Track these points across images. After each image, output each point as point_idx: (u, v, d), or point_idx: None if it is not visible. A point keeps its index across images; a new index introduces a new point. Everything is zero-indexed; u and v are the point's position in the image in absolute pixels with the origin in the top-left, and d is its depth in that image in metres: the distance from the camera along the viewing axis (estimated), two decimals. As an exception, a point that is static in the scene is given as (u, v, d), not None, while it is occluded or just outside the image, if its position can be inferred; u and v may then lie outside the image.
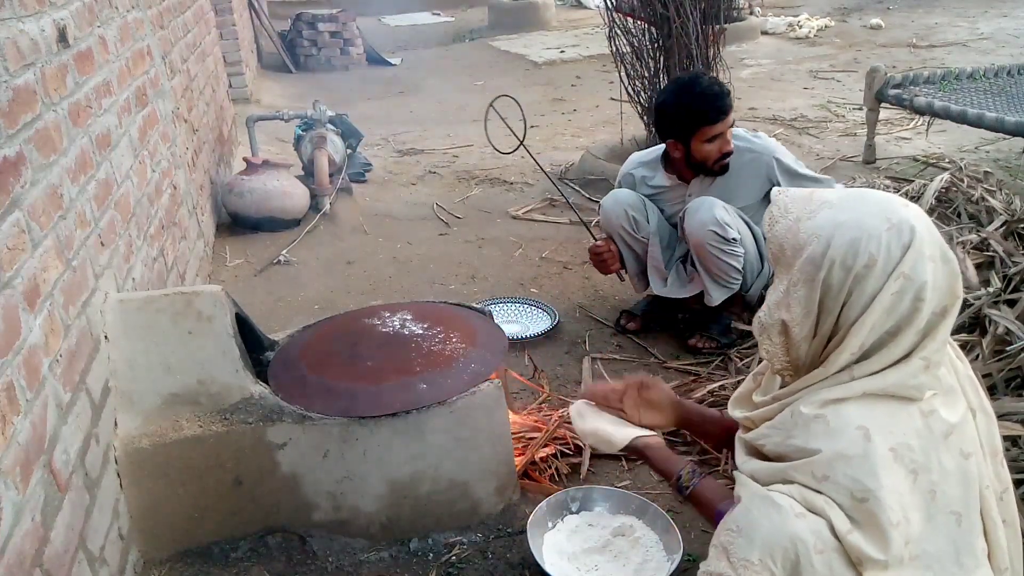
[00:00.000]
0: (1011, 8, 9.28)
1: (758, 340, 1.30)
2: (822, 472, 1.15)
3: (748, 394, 1.43)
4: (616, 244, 2.74)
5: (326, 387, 1.85)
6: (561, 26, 10.23)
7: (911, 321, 1.14)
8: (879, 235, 1.14)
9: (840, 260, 1.15)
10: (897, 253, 1.13)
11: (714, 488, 1.45)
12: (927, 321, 1.15)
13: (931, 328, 1.16)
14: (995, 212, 2.94)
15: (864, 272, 1.14)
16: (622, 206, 2.68)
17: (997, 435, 1.27)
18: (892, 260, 1.13)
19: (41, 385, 1.39)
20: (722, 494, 1.42)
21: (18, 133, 1.44)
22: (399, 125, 5.99)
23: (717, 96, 2.44)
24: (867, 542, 1.10)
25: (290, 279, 3.39)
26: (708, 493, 1.44)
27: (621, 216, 2.67)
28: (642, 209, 2.68)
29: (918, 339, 1.16)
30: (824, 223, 1.17)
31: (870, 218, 1.15)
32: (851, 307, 1.16)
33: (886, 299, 1.13)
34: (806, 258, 1.18)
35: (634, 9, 4.14)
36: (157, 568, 1.80)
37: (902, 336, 1.15)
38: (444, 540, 1.87)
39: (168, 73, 3.08)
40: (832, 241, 1.16)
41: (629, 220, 2.67)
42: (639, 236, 2.69)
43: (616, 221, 2.69)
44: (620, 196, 2.70)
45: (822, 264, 1.16)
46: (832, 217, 1.17)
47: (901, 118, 5.22)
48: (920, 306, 1.13)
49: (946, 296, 1.15)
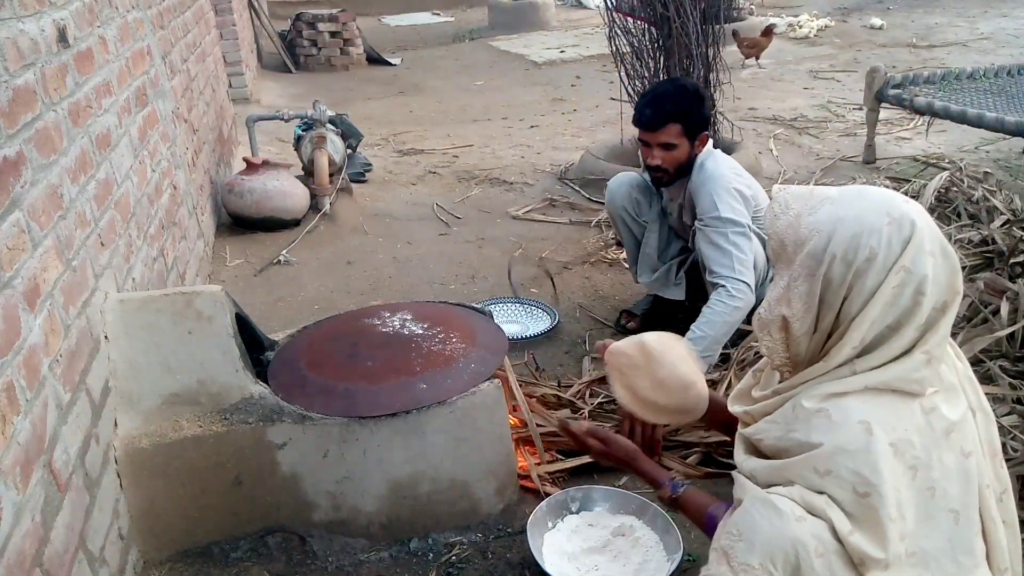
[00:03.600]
0: (1011, 8, 9.29)
1: (758, 336, 1.31)
2: (824, 466, 1.15)
3: (747, 390, 1.44)
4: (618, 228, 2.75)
5: (326, 387, 1.85)
6: (561, 26, 10.23)
7: (912, 315, 1.14)
8: (880, 229, 1.14)
9: (841, 254, 1.15)
10: (898, 247, 1.14)
11: (701, 494, 1.51)
12: (928, 316, 1.15)
13: (932, 323, 1.16)
14: (996, 211, 2.94)
15: (865, 266, 1.14)
16: (627, 186, 2.69)
17: (996, 435, 1.27)
18: (893, 254, 1.14)
19: (41, 385, 1.39)
20: (709, 500, 1.48)
21: (18, 133, 1.44)
22: (399, 125, 5.99)
23: (649, 104, 2.40)
24: (868, 542, 1.10)
25: (290, 279, 3.39)
26: (697, 497, 1.50)
27: (625, 197, 2.68)
28: (647, 192, 2.68)
29: (919, 334, 1.16)
30: (825, 218, 1.18)
31: (871, 213, 1.16)
32: (852, 301, 1.16)
33: (887, 293, 1.14)
34: (807, 253, 1.18)
35: (634, 9, 4.14)
36: (157, 568, 1.80)
37: (903, 331, 1.15)
38: (444, 540, 1.87)
39: (168, 73, 3.08)
40: (833, 236, 1.16)
41: (632, 202, 2.67)
42: (640, 219, 2.69)
43: (619, 202, 2.70)
44: (626, 177, 2.72)
45: (823, 259, 1.16)
46: (833, 212, 1.18)
47: (901, 118, 5.22)
48: (921, 300, 1.13)
49: (946, 291, 1.16)
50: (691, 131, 2.41)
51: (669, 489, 1.53)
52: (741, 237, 2.35)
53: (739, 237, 2.34)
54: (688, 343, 2.18)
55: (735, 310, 2.27)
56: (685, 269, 2.66)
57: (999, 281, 2.26)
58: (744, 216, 2.39)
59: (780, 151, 4.85)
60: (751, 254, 2.37)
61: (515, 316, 2.97)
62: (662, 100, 2.41)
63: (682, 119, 2.38)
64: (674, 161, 2.44)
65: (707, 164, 2.44)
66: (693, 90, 2.45)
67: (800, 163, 4.62)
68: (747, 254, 2.35)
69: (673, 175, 2.48)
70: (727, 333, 2.30)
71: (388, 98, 7.03)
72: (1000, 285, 2.24)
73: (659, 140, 2.41)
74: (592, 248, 3.57)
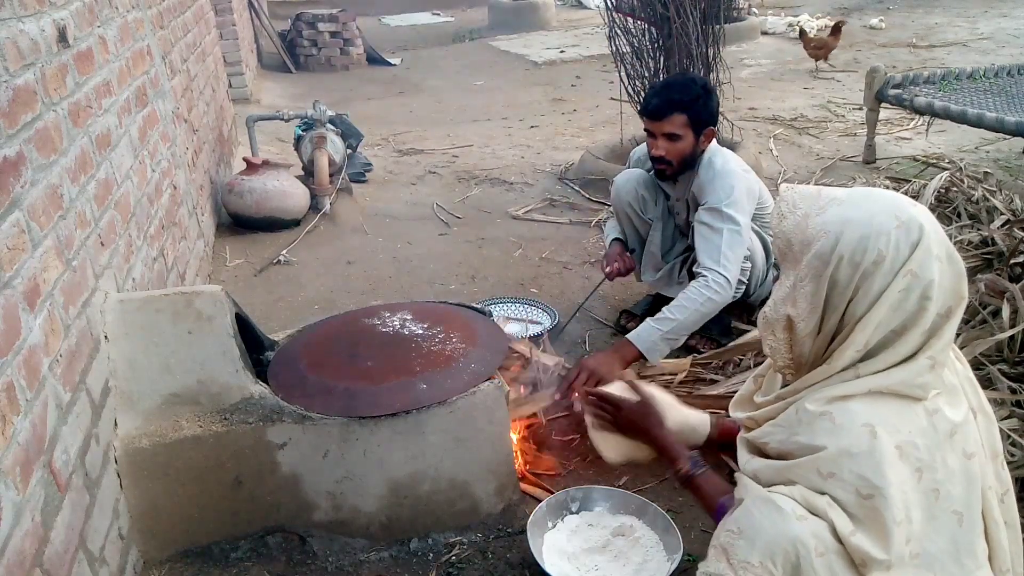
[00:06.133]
0: (1011, 8, 9.29)
1: (761, 336, 1.31)
2: (828, 469, 1.15)
3: (749, 396, 1.44)
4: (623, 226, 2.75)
5: (326, 387, 1.85)
6: (561, 26, 10.24)
7: (917, 320, 1.14)
8: (888, 232, 1.14)
9: (849, 256, 1.15)
10: (906, 251, 1.13)
11: (717, 481, 1.49)
12: (933, 321, 1.15)
13: (937, 328, 1.16)
14: (996, 212, 2.94)
15: (872, 269, 1.14)
16: (633, 183, 2.68)
17: (998, 437, 1.27)
18: (900, 257, 1.13)
19: (41, 385, 1.39)
20: (724, 488, 1.45)
21: (18, 133, 1.44)
22: (399, 125, 5.99)
23: (657, 94, 2.40)
24: (870, 542, 1.10)
25: (290, 279, 3.39)
26: (713, 482, 1.48)
27: (631, 193, 2.67)
28: (653, 190, 2.68)
29: (924, 339, 1.16)
30: (833, 219, 1.18)
31: (879, 215, 1.16)
32: (857, 303, 1.16)
33: (893, 296, 1.13)
34: (814, 254, 1.18)
35: (634, 9, 4.14)
36: (157, 568, 1.80)
37: (908, 335, 1.15)
38: (444, 540, 1.87)
39: (168, 73, 3.08)
40: (841, 237, 1.16)
41: (638, 198, 2.67)
42: (646, 217, 2.68)
43: (625, 197, 2.69)
44: (633, 174, 2.71)
45: (830, 260, 1.16)
46: (841, 214, 1.18)
47: (901, 118, 5.22)
48: (927, 305, 1.13)
49: (952, 296, 1.16)
50: (697, 124, 2.39)
51: (689, 465, 1.51)
52: (735, 236, 2.35)
53: (734, 235, 2.34)
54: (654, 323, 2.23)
55: (709, 300, 2.27)
56: (688, 268, 2.66)
57: (999, 282, 2.26)
58: (745, 215, 2.39)
59: (780, 151, 4.84)
60: (741, 252, 2.37)
61: (515, 316, 2.97)
62: (669, 89, 2.41)
63: (688, 110, 2.37)
64: (678, 153, 2.43)
65: (715, 160, 2.44)
66: (702, 83, 2.44)
67: (800, 163, 4.62)
68: (736, 251, 2.35)
69: (677, 168, 2.47)
70: (696, 322, 2.30)
71: (388, 98, 7.03)
72: (1000, 286, 2.24)
73: (664, 130, 2.39)
74: (592, 248, 3.57)
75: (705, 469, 1.51)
